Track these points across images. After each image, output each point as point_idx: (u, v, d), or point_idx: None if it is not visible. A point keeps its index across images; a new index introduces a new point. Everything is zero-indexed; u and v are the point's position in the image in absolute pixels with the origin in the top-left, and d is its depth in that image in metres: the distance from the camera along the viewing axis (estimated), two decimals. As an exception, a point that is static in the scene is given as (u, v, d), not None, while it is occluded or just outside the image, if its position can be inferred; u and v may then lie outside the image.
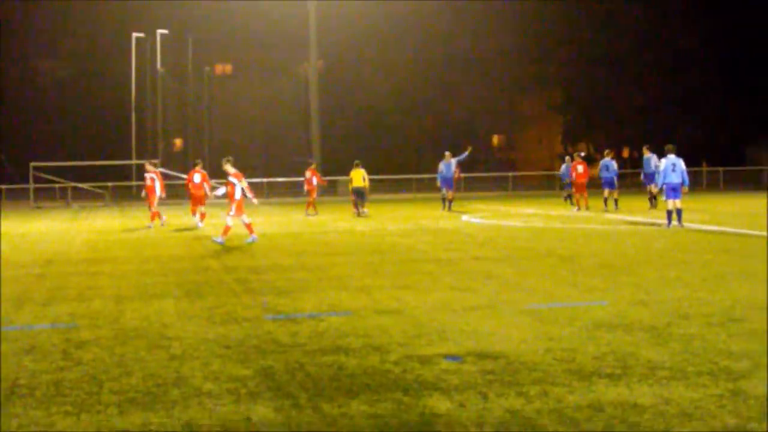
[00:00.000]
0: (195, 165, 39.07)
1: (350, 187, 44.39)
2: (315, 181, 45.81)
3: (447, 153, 47.99)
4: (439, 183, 47.35)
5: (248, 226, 28.12)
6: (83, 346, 11.56)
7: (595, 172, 53.98)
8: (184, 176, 52.71)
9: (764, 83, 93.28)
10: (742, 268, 18.62)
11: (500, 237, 28.56)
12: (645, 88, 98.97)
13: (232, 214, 27.80)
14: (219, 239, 27.30)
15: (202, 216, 37.36)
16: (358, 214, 42.40)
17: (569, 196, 47.38)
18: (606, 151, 47.60)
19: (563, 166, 49.27)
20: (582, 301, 14.43)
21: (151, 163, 36.62)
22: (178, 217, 43.73)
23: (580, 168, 44.55)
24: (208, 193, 37.70)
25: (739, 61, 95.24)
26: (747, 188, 70.93)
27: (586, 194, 43.76)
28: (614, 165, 44.66)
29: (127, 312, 14.21)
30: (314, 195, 45.96)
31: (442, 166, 47.27)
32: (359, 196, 43.53)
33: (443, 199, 47.07)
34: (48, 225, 33.90)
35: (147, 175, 36.76)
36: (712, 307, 13.48)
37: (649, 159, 43.62)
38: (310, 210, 45.11)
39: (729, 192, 65.16)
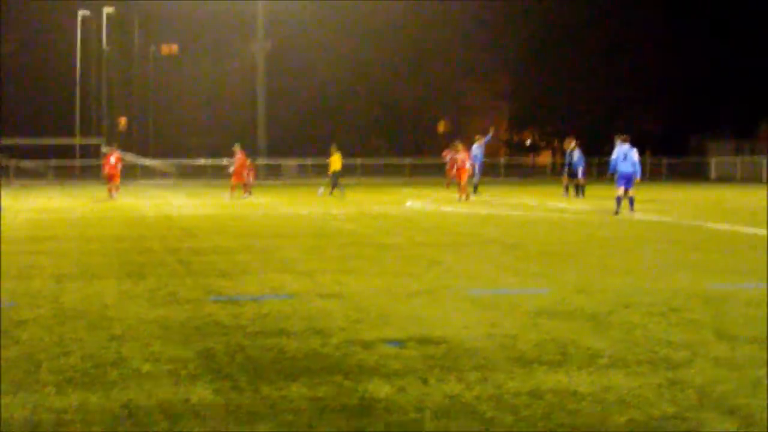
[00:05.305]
0: (111, 147, 46.92)
1: (333, 170, 45.21)
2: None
3: (478, 136, 47.59)
4: (476, 168, 45.24)
5: None
6: (22, 325, 11.45)
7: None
8: (129, 155, 54.46)
9: (710, 75, 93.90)
10: (683, 258, 18.77)
11: (444, 223, 28.62)
12: (591, 78, 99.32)
13: None
14: None
15: (117, 189, 44.27)
16: (343, 195, 43.66)
17: (578, 187, 44.36)
18: (569, 140, 47.18)
19: (576, 154, 45.08)
20: (524, 288, 14.47)
21: None
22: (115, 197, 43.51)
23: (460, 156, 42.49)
24: (119, 171, 45.29)
25: (686, 52, 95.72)
26: (690, 179, 71.56)
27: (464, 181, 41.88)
28: (579, 153, 44.95)
29: (67, 292, 14.09)
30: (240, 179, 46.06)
31: (477, 150, 45.96)
32: (337, 178, 45.23)
33: (476, 186, 45.69)
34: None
35: None
36: (653, 296, 13.56)
37: (572, 153, 44.65)
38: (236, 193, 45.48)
39: (672, 182, 65.67)
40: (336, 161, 45.66)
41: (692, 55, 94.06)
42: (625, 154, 30.26)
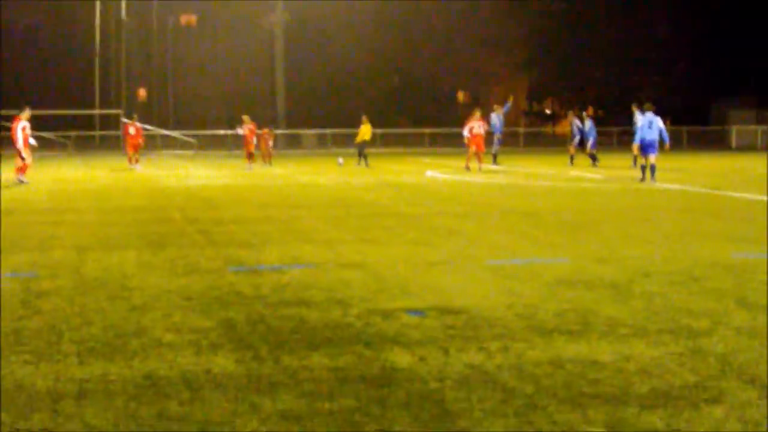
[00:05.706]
0: (132, 119, 47.57)
1: (362, 140, 45.84)
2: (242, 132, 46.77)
3: (497, 105, 47.50)
4: (496, 137, 45.72)
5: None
6: (43, 295, 11.47)
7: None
8: (149, 127, 55.82)
9: (730, 43, 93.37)
10: (703, 227, 18.71)
11: (463, 193, 28.58)
12: (611, 47, 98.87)
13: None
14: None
15: (137, 160, 44.80)
16: (367, 166, 43.66)
17: (592, 156, 44.39)
18: (576, 111, 47.29)
19: (589, 124, 45.68)
20: (544, 258, 14.44)
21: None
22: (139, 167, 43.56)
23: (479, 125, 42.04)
24: (141, 143, 46.44)
25: (706, 21, 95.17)
26: (711, 148, 71.24)
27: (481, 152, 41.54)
28: (591, 123, 45.34)
29: (88, 262, 14.11)
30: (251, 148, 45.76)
31: (495, 119, 45.77)
32: (363, 148, 45.49)
33: (495, 155, 45.74)
34: (9, 174, 33.60)
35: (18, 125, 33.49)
36: (673, 265, 13.51)
37: (584, 122, 45.98)
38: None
39: (693, 151, 65.36)
40: (366, 131, 45.63)
41: (713, 23, 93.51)
42: (650, 122, 30.46)
